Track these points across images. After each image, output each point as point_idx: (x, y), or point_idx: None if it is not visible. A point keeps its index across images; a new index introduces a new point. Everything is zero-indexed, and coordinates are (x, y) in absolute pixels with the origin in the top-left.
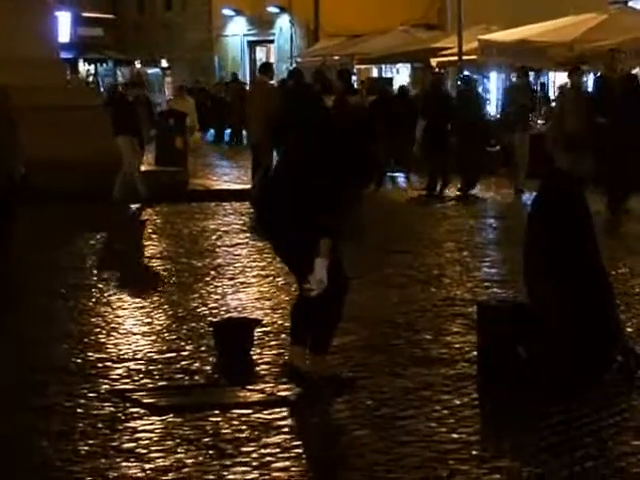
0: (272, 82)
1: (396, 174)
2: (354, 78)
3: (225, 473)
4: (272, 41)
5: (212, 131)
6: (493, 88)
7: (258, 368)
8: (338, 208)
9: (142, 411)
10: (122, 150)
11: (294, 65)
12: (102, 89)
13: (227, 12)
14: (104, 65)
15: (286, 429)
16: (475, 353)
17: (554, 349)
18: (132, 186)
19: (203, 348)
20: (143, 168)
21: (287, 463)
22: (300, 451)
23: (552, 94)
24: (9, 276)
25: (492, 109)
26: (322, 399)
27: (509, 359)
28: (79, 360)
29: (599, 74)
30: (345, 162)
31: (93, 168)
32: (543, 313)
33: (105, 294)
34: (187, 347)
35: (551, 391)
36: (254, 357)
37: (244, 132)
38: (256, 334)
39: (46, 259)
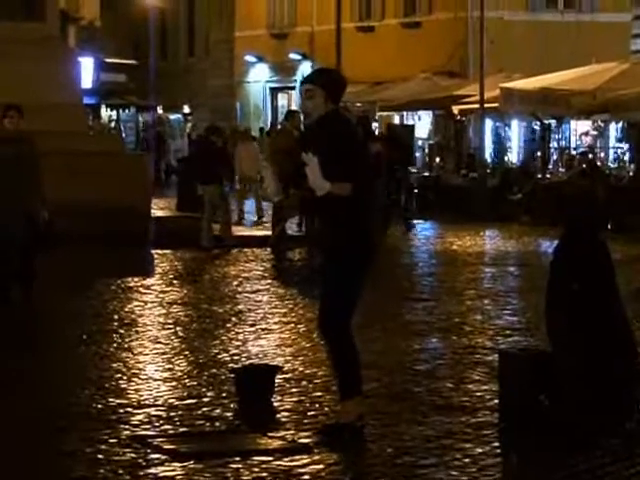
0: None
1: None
2: (375, 125)
3: None
4: (294, 88)
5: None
6: (514, 136)
7: (279, 415)
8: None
9: (163, 457)
10: (206, 199)
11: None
12: (124, 134)
13: (249, 59)
14: (126, 111)
15: (307, 476)
16: (496, 401)
17: (576, 398)
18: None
19: (224, 394)
20: (163, 214)
21: None
22: None
23: (573, 142)
24: (31, 322)
25: (514, 157)
26: (343, 446)
27: (531, 407)
28: (100, 406)
29: None
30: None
31: (115, 213)
32: (565, 361)
33: (126, 340)
34: (208, 393)
35: (573, 440)
36: (275, 404)
37: None
38: (277, 381)
39: (67, 304)
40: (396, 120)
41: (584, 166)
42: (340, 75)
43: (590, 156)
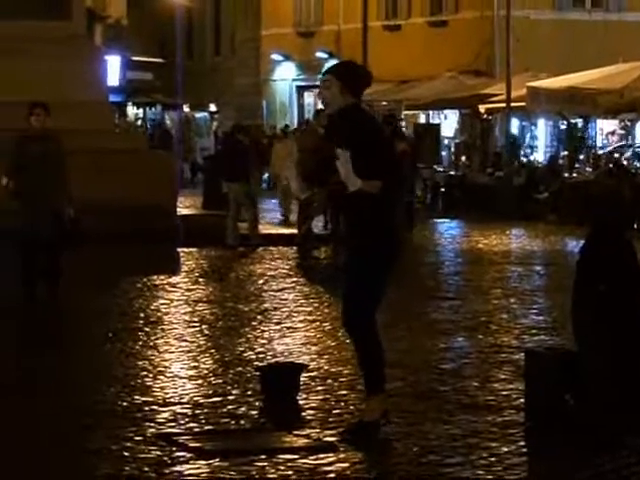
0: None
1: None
2: (402, 124)
3: None
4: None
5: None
6: (541, 135)
7: (304, 413)
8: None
9: (188, 455)
10: (231, 197)
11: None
12: (150, 132)
13: (276, 57)
14: (152, 109)
15: (332, 475)
16: (522, 400)
17: (602, 397)
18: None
19: (249, 392)
20: (189, 212)
21: None
22: None
23: (599, 142)
24: (57, 319)
25: (540, 156)
26: (368, 445)
27: (557, 407)
28: (126, 403)
29: None
30: None
31: (141, 211)
32: (591, 361)
33: (152, 338)
34: (233, 391)
35: (599, 439)
36: (300, 402)
37: None
38: (302, 379)
39: (93, 302)
40: (422, 119)
41: (610, 165)
42: (360, 68)
43: (616, 155)
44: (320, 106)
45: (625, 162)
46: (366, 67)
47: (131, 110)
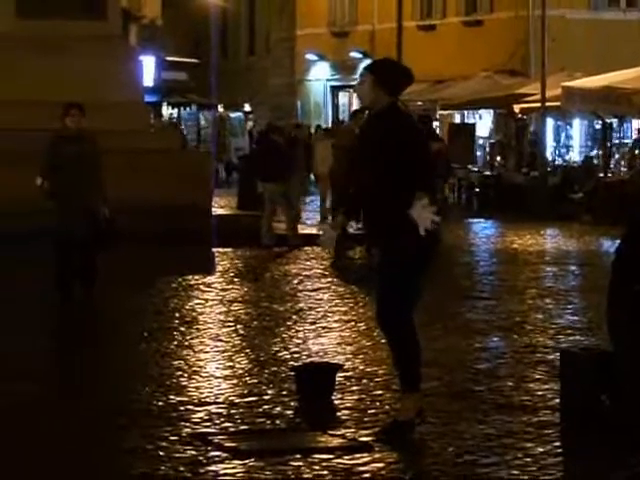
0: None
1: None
2: (436, 124)
3: None
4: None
5: None
6: (576, 135)
7: (339, 413)
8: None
9: (224, 455)
10: (266, 196)
11: None
12: (185, 132)
13: (310, 57)
14: (187, 109)
15: (367, 475)
16: (558, 401)
17: (638, 397)
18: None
19: (284, 392)
20: (224, 212)
21: None
22: None
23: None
24: (92, 319)
25: (575, 156)
26: (403, 445)
27: (592, 407)
28: (161, 403)
29: None
30: None
31: (177, 211)
32: (627, 361)
33: (187, 337)
34: (268, 391)
35: (636, 439)
36: (335, 402)
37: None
38: (337, 379)
39: (129, 301)
40: (457, 119)
41: None
42: (399, 66)
43: None
44: (355, 106)
45: None
46: (407, 66)
47: (166, 110)
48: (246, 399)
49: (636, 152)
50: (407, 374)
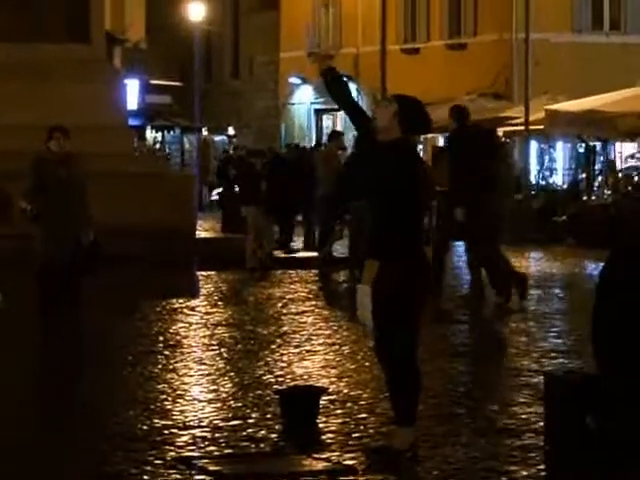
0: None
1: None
2: (420, 147)
3: None
4: (339, 109)
5: None
6: (559, 158)
7: (324, 436)
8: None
9: (208, 478)
10: (249, 220)
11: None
12: (169, 155)
13: (294, 80)
14: (171, 132)
15: None
16: (542, 424)
17: (623, 420)
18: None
19: (269, 416)
20: (208, 235)
21: None
22: None
23: (619, 164)
24: (77, 342)
25: (559, 179)
26: (389, 468)
27: (577, 430)
28: (145, 427)
29: None
30: None
31: (160, 234)
32: (611, 384)
33: (171, 361)
34: (253, 415)
35: (620, 462)
36: (320, 425)
37: None
38: (322, 402)
39: (113, 325)
40: (441, 142)
41: (629, 188)
42: (422, 112)
43: (636, 178)
44: (338, 128)
45: None
46: (429, 117)
47: (150, 134)
48: (230, 423)
49: (618, 176)
50: (405, 408)
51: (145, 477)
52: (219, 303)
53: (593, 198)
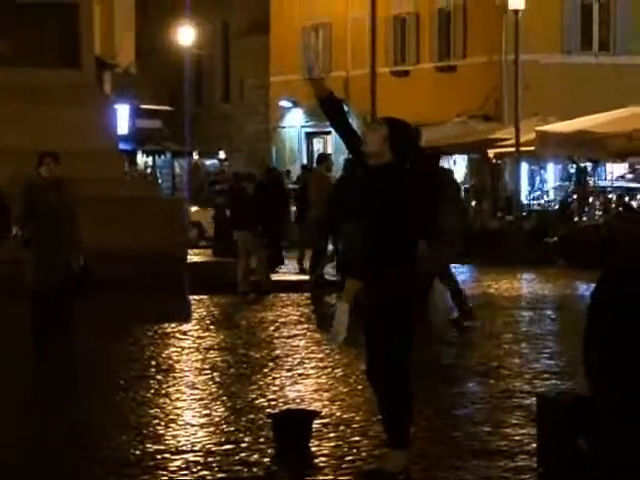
0: (329, 174)
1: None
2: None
3: None
4: (329, 132)
5: None
6: (550, 179)
7: (317, 460)
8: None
9: None
10: (240, 244)
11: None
12: (160, 180)
13: (284, 104)
14: (162, 157)
15: None
16: (534, 445)
17: (615, 442)
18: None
19: (262, 440)
20: (199, 259)
21: None
22: None
23: (609, 185)
24: (68, 367)
25: (550, 199)
26: None
27: (569, 451)
28: (138, 452)
29: None
30: None
31: (151, 259)
32: (604, 405)
33: (163, 385)
34: (246, 439)
35: None
36: (313, 449)
37: None
38: (314, 426)
39: (105, 350)
40: None
41: (620, 209)
42: (411, 137)
43: (626, 199)
44: (329, 151)
45: (635, 204)
46: (416, 141)
47: (141, 158)
48: (223, 447)
49: (610, 197)
50: (398, 430)
51: None
52: (211, 327)
53: (584, 219)
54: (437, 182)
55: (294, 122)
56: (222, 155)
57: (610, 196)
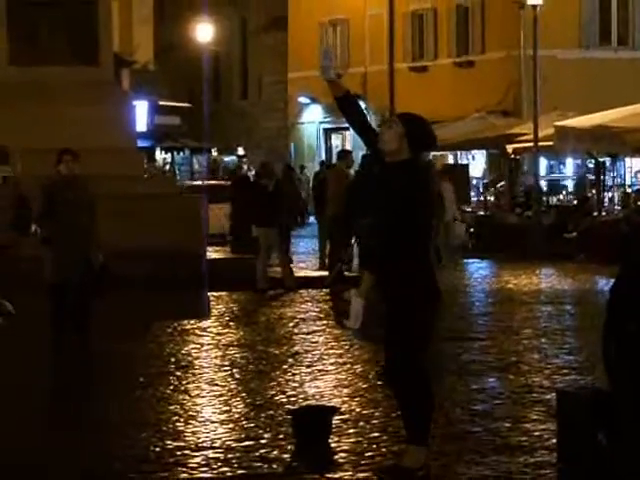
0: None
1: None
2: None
3: None
4: (347, 128)
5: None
6: (569, 174)
7: (336, 456)
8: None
9: None
10: (261, 241)
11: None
12: (178, 177)
13: (303, 100)
14: (180, 153)
15: None
16: (554, 441)
17: (635, 437)
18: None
19: (281, 436)
20: (218, 256)
21: None
22: None
23: (628, 180)
24: (88, 365)
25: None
26: None
27: (589, 447)
28: (157, 448)
29: None
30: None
31: (170, 256)
32: (623, 401)
33: (183, 382)
34: (265, 435)
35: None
36: (332, 445)
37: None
38: (334, 422)
39: (124, 347)
40: (450, 159)
41: (639, 203)
42: (427, 128)
43: None
44: (347, 147)
45: None
46: (433, 131)
47: (159, 155)
48: (243, 443)
49: (629, 191)
50: (417, 427)
51: None
52: (230, 324)
53: (603, 214)
54: None
55: (312, 118)
56: (241, 152)
57: (629, 190)
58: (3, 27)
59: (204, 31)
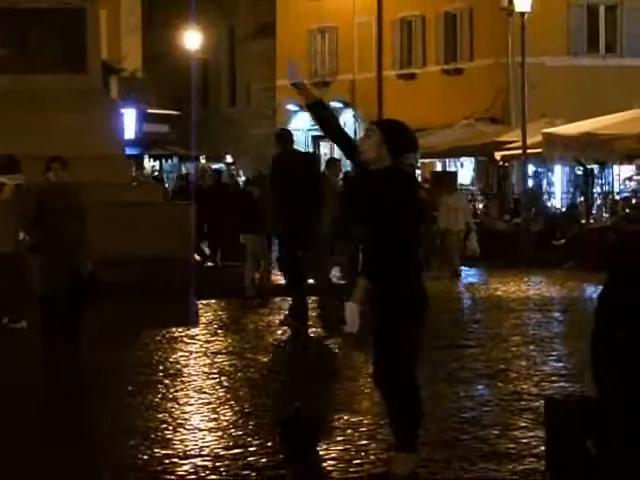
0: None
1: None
2: (417, 172)
3: None
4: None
5: None
6: (557, 181)
7: (325, 464)
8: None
9: None
10: (248, 248)
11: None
12: (167, 185)
13: (291, 107)
14: (169, 161)
15: None
16: (543, 448)
17: (623, 444)
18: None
19: (270, 444)
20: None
21: None
22: None
23: (616, 187)
24: (76, 373)
25: (557, 202)
26: None
27: (577, 454)
28: (146, 456)
29: None
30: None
31: (158, 263)
32: (612, 407)
33: (171, 390)
34: (254, 443)
35: None
36: (321, 453)
37: None
38: (323, 429)
39: (113, 355)
40: (438, 167)
41: (627, 211)
42: (405, 131)
43: (633, 201)
44: (336, 155)
45: None
46: (413, 134)
47: (148, 163)
48: (231, 451)
49: (617, 199)
50: (406, 434)
51: None
52: (219, 331)
53: (592, 221)
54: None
55: (301, 126)
56: (229, 159)
57: (617, 198)
58: None
59: (192, 39)
